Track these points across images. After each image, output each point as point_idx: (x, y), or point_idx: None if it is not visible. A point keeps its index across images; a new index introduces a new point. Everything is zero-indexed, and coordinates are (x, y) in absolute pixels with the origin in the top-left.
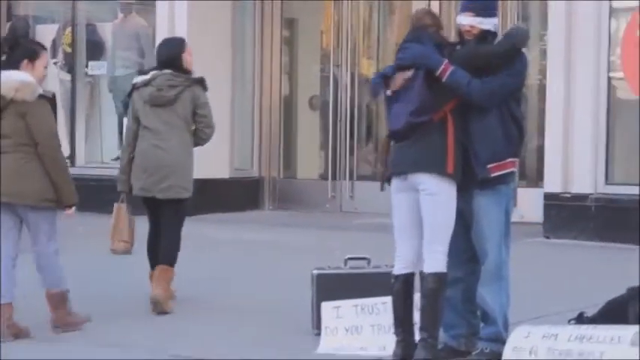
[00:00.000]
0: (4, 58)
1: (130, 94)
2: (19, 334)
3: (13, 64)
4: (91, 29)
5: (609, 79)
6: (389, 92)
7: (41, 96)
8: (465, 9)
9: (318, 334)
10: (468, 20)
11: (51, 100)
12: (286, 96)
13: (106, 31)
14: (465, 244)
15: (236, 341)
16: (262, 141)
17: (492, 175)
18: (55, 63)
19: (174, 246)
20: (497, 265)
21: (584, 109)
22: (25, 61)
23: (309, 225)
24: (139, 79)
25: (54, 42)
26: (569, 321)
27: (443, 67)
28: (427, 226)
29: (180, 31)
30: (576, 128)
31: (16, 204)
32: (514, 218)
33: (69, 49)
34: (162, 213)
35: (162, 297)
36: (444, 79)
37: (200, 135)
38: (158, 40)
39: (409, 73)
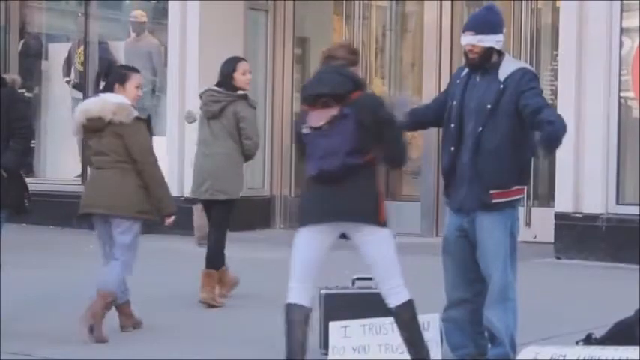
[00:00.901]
0: (102, 84)
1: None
2: (136, 325)
3: (109, 89)
4: (103, 48)
5: (620, 98)
6: (308, 129)
7: (137, 118)
8: (465, 29)
9: (325, 354)
10: (468, 39)
11: (146, 120)
12: (298, 114)
13: (119, 49)
14: (470, 265)
15: (242, 358)
16: (273, 160)
17: (493, 201)
18: (67, 81)
19: (217, 250)
20: (502, 287)
21: (595, 129)
22: (117, 85)
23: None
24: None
25: (66, 60)
26: (577, 342)
27: None
28: (380, 265)
29: (192, 51)
30: (587, 148)
31: (111, 216)
32: (527, 238)
33: (81, 68)
34: (211, 213)
35: (208, 299)
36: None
37: (243, 147)
38: (170, 59)
39: (335, 111)
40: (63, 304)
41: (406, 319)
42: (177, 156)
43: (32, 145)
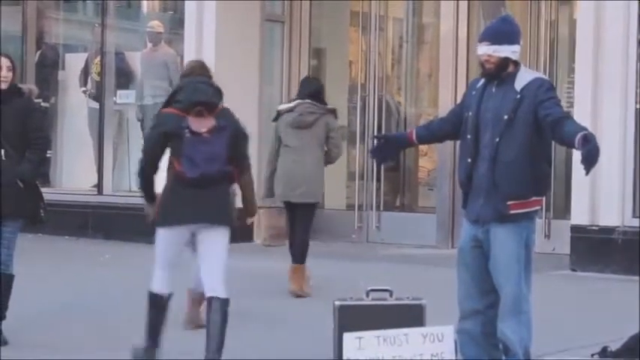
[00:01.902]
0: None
1: (275, 119)
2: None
3: None
4: (119, 58)
5: (637, 110)
6: (190, 133)
7: None
8: (481, 39)
9: None
10: (484, 50)
11: None
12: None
13: (135, 60)
14: (483, 277)
15: None
16: None
17: (511, 212)
18: (84, 92)
19: (304, 245)
20: (515, 299)
21: (612, 141)
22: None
23: (335, 255)
24: (283, 107)
25: (83, 71)
26: (592, 355)
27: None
28: (219, 261)
29: (208, 61)
30: (604, 160)
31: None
32: (546, 250)
33: (97, 78)
34: (297, 214)
35: (297, 291)
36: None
37: (330, 154)
38: None
39: (213, 121)
40: (77, 313)
41: (217, 309)
42: None
43: (48, 155)
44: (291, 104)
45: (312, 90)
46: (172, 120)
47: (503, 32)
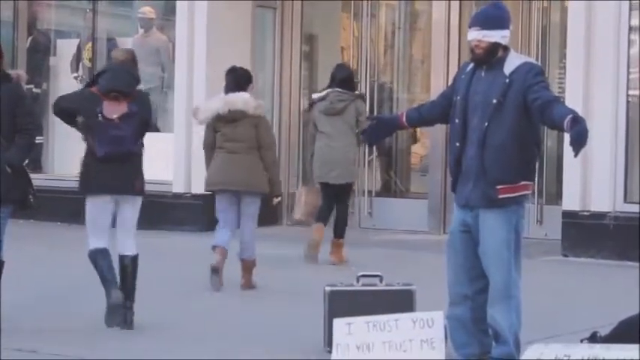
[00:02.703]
0: (228, 84)
1: (309, 108)
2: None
3: (240, 88)
4: (111, 44)
5: (628, 96)
6: (103, 118)
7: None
8: (471, 24)
9: (330, 352)
10: (473, 35)
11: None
12: (305, 112)
13: (127, 46)
14: (472, 262)
15: (247, 357)
16: (281, 157)
17: (500, 196)
18: (75, 77)
19: (343, 222)
20: (505, 285)
21: (603, 127)
22: (250, 85)
23: (326, 241)
24: (316, 96)
25: (75, 56)
26: (581, 340)
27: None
28: (131, 227)
29: (200, 47)
30: (595, 146)
31: (243, 191)
32: (538, 236)
33: (89, 64)
34: (334, 194)
35: (337, 261)
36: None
37: (360, 137)
38: (178, 56)
39: (125, 107)
40: (68, 300)
41: (127, 265)
42: (184, 152)
43: (38, 141)
44: (323, 93)
45: (342, 77)
46: (91, 100)
47: (493, 17)
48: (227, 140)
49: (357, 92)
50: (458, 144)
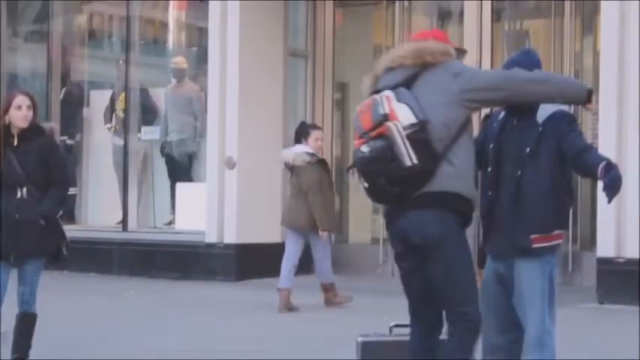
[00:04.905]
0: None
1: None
2: (292, 308)
3: (297, 141)
4: (144, 94)
5: None
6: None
7: (309, 162)
8: (506, 66)
9: None
10: None
11: (321, 160)
12: (337, 159)
13: (159, 96)
14: (505, 312)
15: None
16: None
17: (534, 246)
18: (108, 128)
19: None
20: (539, 334)
21: (637, 173)
22: (305, 138)
23: (360, 290)
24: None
25: (108, 107)
26: None
27: None
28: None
29: (232, 96)
30: (629, 192)
31: (301, 230)
32: (573, 283)
33: (122, 115)
34: None
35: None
36: None
37: None
38: (210, 105)
39: None
40: (100, 350)
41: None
42: (217, 201)
43: (71, 193)
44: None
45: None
46: None
47: (524, 64)
48: (291, 186)
49: None
50: (490, 192)
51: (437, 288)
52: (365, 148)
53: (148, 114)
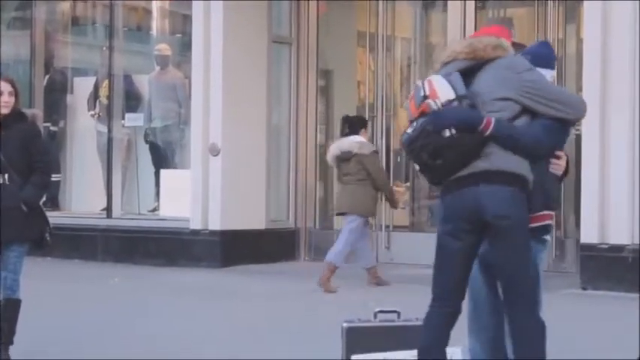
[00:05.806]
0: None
1: None
2: (382, 283)
3: (354, 132)
4: (128, 81)
5: None
6: None
7: (374, 151)
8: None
9: None
10: None
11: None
12: (322, 146)
13: (143, 83)
14: (491, 294)
15: None
16: (298, 191)
17: None
18: (92, 115)
19: None
20: None
21: (621, 159)
22: (363, 130)
23: (344, 276)
24: None
25: (92, 94)
26: None
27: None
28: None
29: (216, 83)
30: (612, 178)
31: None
32: (556, 269)
33: (106, 101)
34: None
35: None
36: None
37: None
38: (194, 92)
39: None
40: (84, 337)
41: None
42: (201, 188)
43: (54, 179)
44: None
45: None
46: None
47: (541, 56)
48: (344, 175)
49: None
50: None
51: (502, 270)
52: (409, 130)
53: (132, 101)
